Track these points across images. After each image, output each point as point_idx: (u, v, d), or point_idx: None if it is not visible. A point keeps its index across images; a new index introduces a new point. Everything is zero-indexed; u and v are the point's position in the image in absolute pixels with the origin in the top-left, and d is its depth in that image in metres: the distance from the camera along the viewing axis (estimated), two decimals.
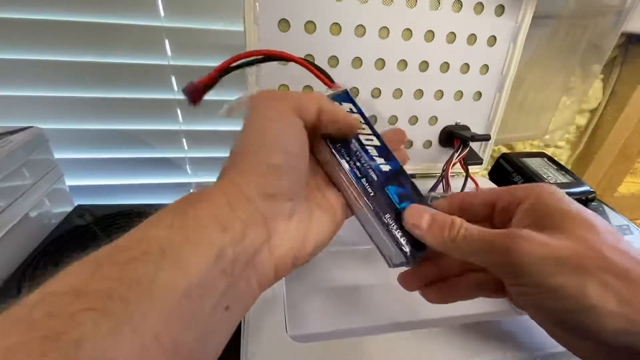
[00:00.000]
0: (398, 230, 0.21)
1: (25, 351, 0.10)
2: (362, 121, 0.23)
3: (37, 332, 0.10)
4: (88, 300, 0.11)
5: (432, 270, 0.23)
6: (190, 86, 0.23)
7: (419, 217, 0.20)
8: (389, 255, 0.21)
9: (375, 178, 0.22)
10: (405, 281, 0.23)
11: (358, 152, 0.22)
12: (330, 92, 0.23)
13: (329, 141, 0.21)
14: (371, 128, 0.23)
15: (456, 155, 0.39)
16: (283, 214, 0.18)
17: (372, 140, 0.23)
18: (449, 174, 0.39)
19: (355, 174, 0.21)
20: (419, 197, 0.22)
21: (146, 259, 0.13)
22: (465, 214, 0.21)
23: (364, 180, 0.21)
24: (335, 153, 0.21)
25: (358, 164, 0.22)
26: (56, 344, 0.10)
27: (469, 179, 0.38)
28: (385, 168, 0.22)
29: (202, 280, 0.13)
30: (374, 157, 0.22)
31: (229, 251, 0.14)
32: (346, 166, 0.21)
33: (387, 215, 0.21)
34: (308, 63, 0.23)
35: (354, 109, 0.23)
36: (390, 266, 0.22)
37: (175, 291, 0.12)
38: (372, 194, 0.21)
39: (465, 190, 0.36)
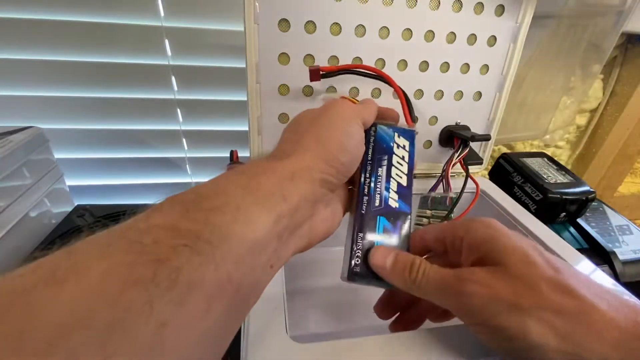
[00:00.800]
0: (358, 252, 0.23)
1: (141, 269, 0.12)
2: (407, 161, 0.25)
3: (148, 255, 0.12)
4: (183, 237, 0.13)
5: (403, 299, 0.25)
6: (314, 67, 0.28)
7: (382, 258, 0.22)
8: (342, 267, 0.23)
9: (377, 204, 0.24)
10: (380, 312, 0.26)
11: (380, 177, 0.24)
12: (401, 126, 0.26)
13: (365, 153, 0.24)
14: (410, 170, 0.25)
15: (456, 155, 0.39)
16: (325, 201, 0.21)
17: (401, 177, 0.25)
18: (449, 174, 0.38)
19: (364, 189, 0.24)
20: (401, 244, 0.23)
21: (224, 210, 0.15)
22: (426, 250, 0.24)
23: (365, 198, 0.24)
24: (361, 166, 0.24)
25: (372, 185, 0.24)
26: (163, 267, 0.12)
27: (469, 179, 0.38)
28: (393, 204, 0.24)
29: (263, 238, 0.16)
30: (390, 189, 0.24)
31: (285, 219, 0.17)
32: (361, 179, 0.24)
33: (361, 235, 0.23)
34: (404, 97, 0.27)
35: (407, 148, 0.25)
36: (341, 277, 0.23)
37: (245, 243, 0.15)
38: (363, 212, 0.23)
39: (465, 190, 0.36)
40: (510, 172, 0.49)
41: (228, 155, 0.43)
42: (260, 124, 0.39)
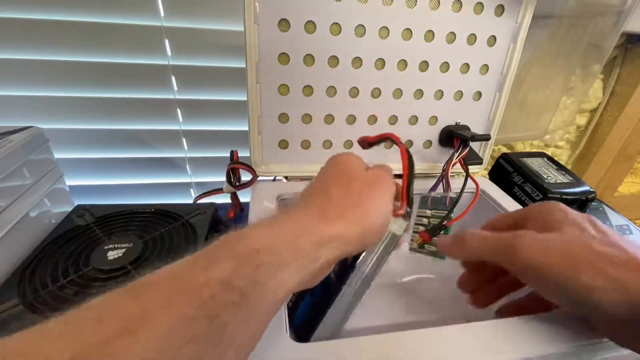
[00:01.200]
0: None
1: (198, 325, 0.13)
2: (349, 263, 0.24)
3: (204, 311, 0.14)
4: (233, 293, 0.15)
5: (478, 278, 0.29)
6: (362, 138, 0.32)
7: (445, 241, 0.27)
8: None
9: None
10: (463, 285, 0.29)
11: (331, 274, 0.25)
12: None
13: None
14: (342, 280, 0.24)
15: (456, 155, 0.39)
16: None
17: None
18: (449, 174, 0.38)
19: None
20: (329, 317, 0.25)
21: (267, 268, 0.17)
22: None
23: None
24: None
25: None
26: (212, 323, 0.14)
27: (468, 179, 0.38)
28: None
29: (287, 295, 0.18)
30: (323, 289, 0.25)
31: (307, 278, 0.19)
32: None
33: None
34: (408, 170, 0.26)
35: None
36: None
37: (277, 299, 0.17)
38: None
39: (465, 190, 0.36)
40: (510, 172, 0.49)
41: (228, 155, 0.43)
42: (260, 124, 0.39)
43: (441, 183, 0.39)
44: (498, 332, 0.23)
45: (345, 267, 0.23)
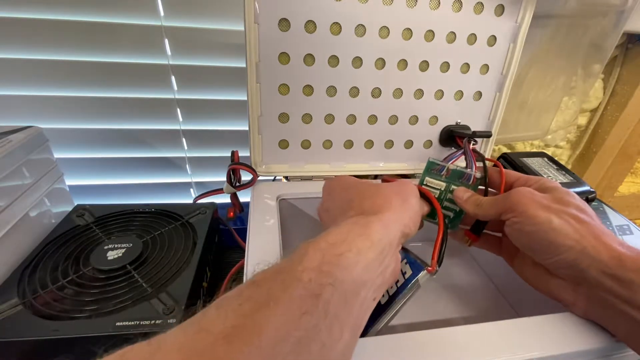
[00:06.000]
0: None
1: (306, 301, 0.17)
2: (397, 286, 0.26)
3: (309, 290, 0.17)
4: (326, 277, 0.18)
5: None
6: (386, 179, 0.33)
7: (463, 194, 0.31)
8: None
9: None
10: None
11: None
12: (419, 259, 0.27)
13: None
14: (397, 294, 0.26)
15: (470, 143, 0.39)
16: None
17: (383, 296, 0.26)
18: (471, 149, 0.37)
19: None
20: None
21: (349, 255, 0.19)
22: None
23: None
24: None
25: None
26: (318, 300, 0.17)
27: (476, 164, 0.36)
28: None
29: (372, 275, 0.21)
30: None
31: (387, 258, 0.22)
32: None
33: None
34: (443, 235, 0.27)
35: (406, 276, 0.26)
36: None
37: (362, 281, 0.20)
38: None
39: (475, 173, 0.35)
40: None
41: (228, 155, 0.43)
42: (260, 124, 0.39)
43: (464, 156, 0.37)
44: (498, 333, 0.24)
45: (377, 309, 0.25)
